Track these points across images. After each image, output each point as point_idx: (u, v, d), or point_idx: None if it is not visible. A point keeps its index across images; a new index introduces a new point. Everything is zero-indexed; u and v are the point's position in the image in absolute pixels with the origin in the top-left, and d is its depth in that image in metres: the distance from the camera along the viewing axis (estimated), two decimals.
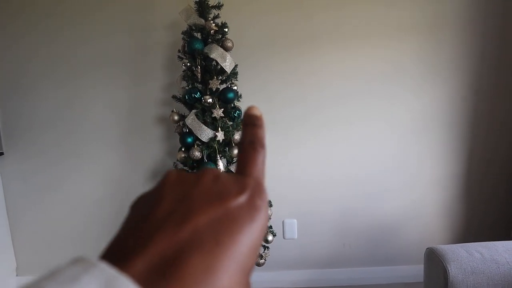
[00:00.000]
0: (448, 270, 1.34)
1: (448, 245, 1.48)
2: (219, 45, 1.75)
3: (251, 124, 0.28)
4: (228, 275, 0.19)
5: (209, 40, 1.78)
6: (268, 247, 1.86)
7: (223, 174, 0.24)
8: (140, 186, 2.22)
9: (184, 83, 1.84)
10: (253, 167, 0.25)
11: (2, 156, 2.19)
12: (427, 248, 1.50)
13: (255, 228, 0.21)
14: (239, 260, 0.20)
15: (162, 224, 0.20)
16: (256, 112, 0.29)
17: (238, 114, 1.80)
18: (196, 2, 1.79)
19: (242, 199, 0.22)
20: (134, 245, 0.19)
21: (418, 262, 2.18)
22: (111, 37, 2.11)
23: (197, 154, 1.72)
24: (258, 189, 0.24)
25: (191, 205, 0.21)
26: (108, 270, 0.17)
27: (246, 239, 0.21)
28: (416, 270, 2.24)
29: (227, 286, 0.19)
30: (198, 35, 1.80)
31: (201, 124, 1.71)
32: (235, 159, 1.82)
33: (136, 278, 0.17)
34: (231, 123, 1.79)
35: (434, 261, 1.42)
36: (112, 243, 0.20)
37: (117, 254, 0.19)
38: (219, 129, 1.71)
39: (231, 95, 1.74)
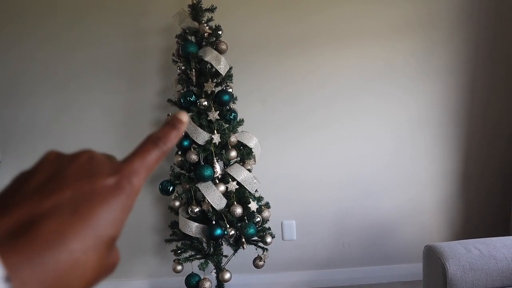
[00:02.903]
0: (447, 267, 1.34)
1: (446, 242, 1.48)
2: (213, 48, 1.75)
3: (171, 124, 0.30)
4: (80, 239, 0.22)
5: (203, 43, 1.78)
6: (267, 249, 1.86)
7: (100, 156, 0.27)
8: None
9: (179, 87, 1.84)
10: (139, 158, 0.27)
11: None
12: (425, 246, 1.50)
13: (115, 206, 0.24)
14: (96, 229, 0.23)
15: (30, 195, 0.23)
16: (182, 117, 0.31)
17: (234, 116, 1.80)
18: (189, 6, 1.79)
19: (110, 180, 0.25)
20: None
21: (417, 260, 2.18)
22: (106, 43, 2.11)
23: (193, 157, 1.72)
24: (129, 175, 0.26)
25: (60, 181, 0.24)
26: None
27: (106, 213, 0.23)
28: (415, 268, 2.24)
29: (80, 249, 0.22)
30: (192, 38, 1.80)
31: (197, 127, 1.71)
32: (232, 162, 1.81)
33: None
34: (227, 125, 1.79)
35: (432, 259, 1.42)
36: None
37: None
38: (215, 131, 1.71)
39: (226, 97, 1.74)
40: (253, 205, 1.77)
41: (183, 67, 1.76)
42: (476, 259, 1.35)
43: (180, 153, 1.81)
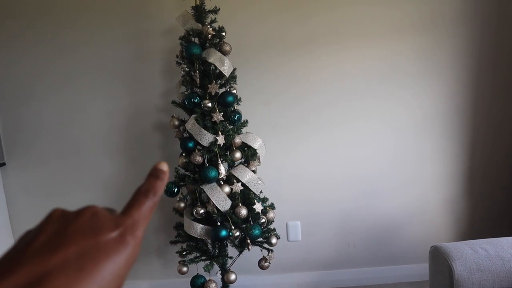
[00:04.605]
0: (453, 268, 1.33)
1: (453, 242, 1.47)
2: (217, 49, 1.75)
3: (154, 175, 0.32)
4: None
5: (207, 44, 1.78)
6: (272, 250, 1.86)
7: (103, 212, 0.28)
8: None
9: (183, 88, 1.85)
10: (135, 210, 0.29)
11: (4, 166, 2.20)
12: (431, 246, 1.49)
13: (120, 260, 0.25)
14: (101, 283, 0.23)
15: (35, 253, 0.23)
16: (163, 167, 0.33)
17: (238, 117, 1.80)
18: (192, 7, 1.79)
19: (114, 234, 0.26)
20: (6, 270, 0.22)
21: (423, 260, 2.18)
22: (109, 45, 2.11)
23: (198, 158, 1.72)
24: (132, 228, 0.27)
25: (64, 238, 0.24)
26: None
27: (110, 267, 0.24)
28: (421, 269, 2.24)
29: None
30: (196, 40, 1.80)
31: (201, 129, 1.71)
32: (236, 163, 1.81)
33: None
34: (231, 126, 1.78)
35: (439, 259, 1.42)
36: None
37: None
38: (219, 133, 1.71)
39: (230, 98, 1.74)
40: (258, 206, 1.76)
41: (187, 69, 1.75)
42: (483, 260, 1.34)
43: (184, 154, 1.81)
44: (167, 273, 2.28)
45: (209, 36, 1.76)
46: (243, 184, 1.75)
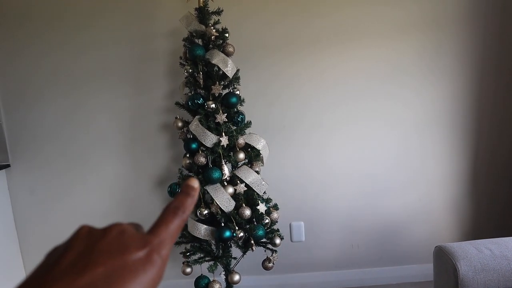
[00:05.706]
0: (458, 268, 1.33)
1: (457, 242, 1.47)
2: (220, 51, 1.75)
3: (185, 192, 0.32)
4: None
5: (210, 46, 1.79)
6: (276, 251, 1.86)
7: (129, 229, 0.28)
8: (146, 194, 2.22)
9: (186, 90, 1.85)
10: (163, 228, 0.28)
11: (9, 168, 2.21)
12: (435, 246, 1.49)
13: (146, 279, 0.25)
14: None
15: (64, 273, 0.23)
16: (194, 184, 0.32)
17: (242, 118, 1.80)
18: (196, 9, 1.80)
19: (140, 254, 0.26)
20: None
21: (427, 260, 2.17)
22: (113, 47, 2.12)
23: (202, 159, 1.72)
24: (158, 247, 0.27)
25: (92, 257, 0.24)
26: None
27: (138, 286, 0.24)
28: (426, 269, 2.23)
29: None
30: (199, 42, 1.81)
31: (205, 130, 1.71)
32: (240, 163, 1.82)
33: None
34: (235, 127, 1.79)
35: (443, 259, 1.41)
36: (20, 286, 0.23)
37: None
38: (223, 134, 1.72)
39: (234, 99, 1.75)
40: (261, 207, 1.77)
41: (190, 70, 1.76)
42: (487, 260, 1.34)
43: (188, 155, 1.81)
44: (171, 273, 2.28)
45: (212, 37, 1.76)
46: (246, 185, 1.75)
